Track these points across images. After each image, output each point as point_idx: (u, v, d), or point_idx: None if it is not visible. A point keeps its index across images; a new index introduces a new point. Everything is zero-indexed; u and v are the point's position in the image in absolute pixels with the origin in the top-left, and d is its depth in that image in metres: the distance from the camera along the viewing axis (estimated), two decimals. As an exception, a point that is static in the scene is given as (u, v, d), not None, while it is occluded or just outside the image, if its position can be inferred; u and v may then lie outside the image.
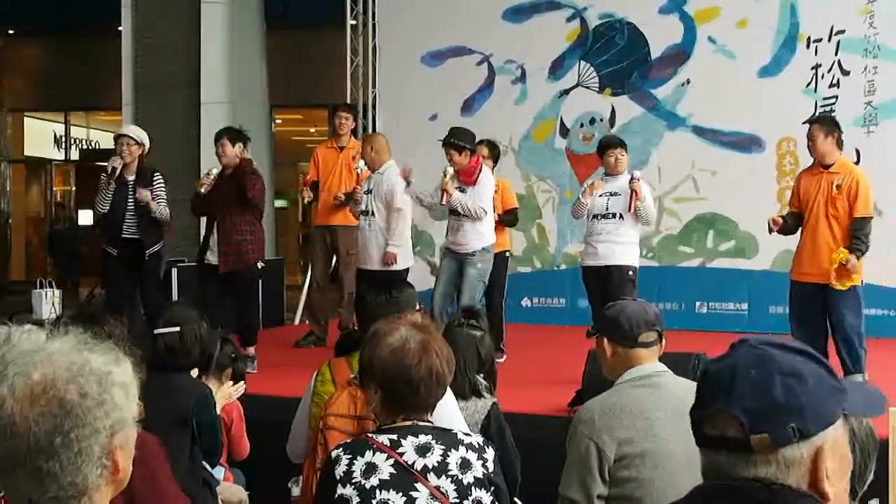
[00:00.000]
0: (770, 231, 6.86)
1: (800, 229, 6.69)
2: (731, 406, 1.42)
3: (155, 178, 7.86)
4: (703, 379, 1.49)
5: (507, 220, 8.14)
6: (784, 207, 9.09)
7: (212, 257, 7.48)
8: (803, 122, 9.11)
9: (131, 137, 7.86)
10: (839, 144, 6.57)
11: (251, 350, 7.45)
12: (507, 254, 8.17)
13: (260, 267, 7.54)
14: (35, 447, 1.47)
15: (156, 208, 7.69)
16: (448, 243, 7.46)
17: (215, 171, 7.53)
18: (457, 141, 7.27)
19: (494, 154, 8.08)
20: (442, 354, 2.70)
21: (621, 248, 7.06)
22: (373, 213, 7.52)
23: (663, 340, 3.30)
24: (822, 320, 6.53)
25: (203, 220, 8.07)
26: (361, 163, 7.74)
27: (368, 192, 7.58)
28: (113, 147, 8.13)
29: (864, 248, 6.38)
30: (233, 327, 7.36)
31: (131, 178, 7.78)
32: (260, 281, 7.96)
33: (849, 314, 6.41)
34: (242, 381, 4.63)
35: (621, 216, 7.04)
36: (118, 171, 7.63)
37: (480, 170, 7.32)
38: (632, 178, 7.03)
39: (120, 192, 7.80)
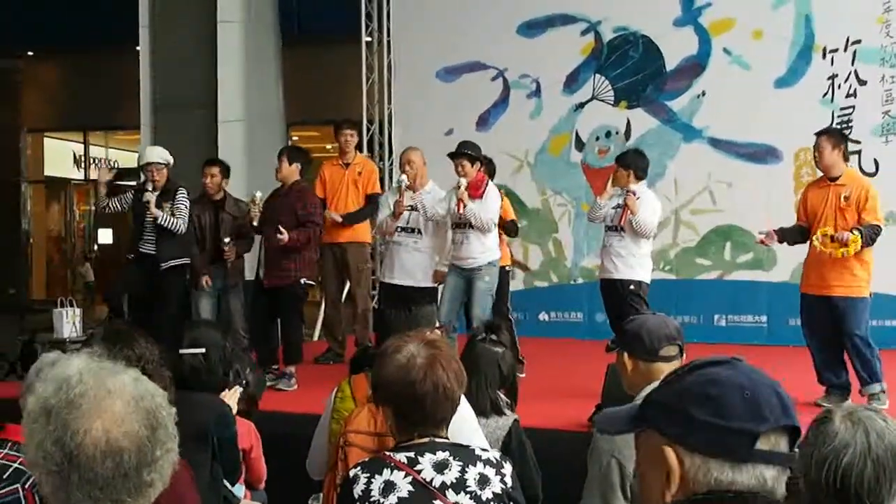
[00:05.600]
0: (764, 244, 6.92)
1: (808, 241, 6.69)
2: (794, 421, 1.45)
3: (178, 193, 7.97)
4: (777, 394, 1.47)
5: (506, 230, 7.96)
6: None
7: (262, 273, 7.65)
8: (814, 134, 9.15)
9: (159, 163, 7.98)
10: (845, 157, 6.58)
11: (291, 368, 7.46)
12: (507, 268, 8.09)
13: (303, 283, 7.58)
14: (144, 461, 1.49)
15: (157, 213, 7.78)
16: (454, 259, 7.48)
17: (259, 195, 7.64)
18: (470, 151, 7.34)
19: (489, 169, 7.98)
20: (449, 369, 2.69)
21: (622, 261, 7.13)
22: (420, 232, 7.58)
23: (684, 354, 3.29)
24: (834, 331, 6.53)
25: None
26: (403, 176, 7.70)
27: (414, 209, 7.61)
28: (132, 167, 8.27)
29: (864, 234, 6.32)
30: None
31: (155, 193, 7.89)
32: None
33: (853, 324, 6.42)
34: (237, 388, 4.58)
35: (622, 229, 7.08)
36: (151, 202, 7.82)
37: (487, 184, 7.38)
38: (626, 192, 7.06)
39: (140, 207, 7.95)
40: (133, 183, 8.23)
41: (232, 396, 4.39)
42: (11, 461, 2.74)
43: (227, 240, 7.90)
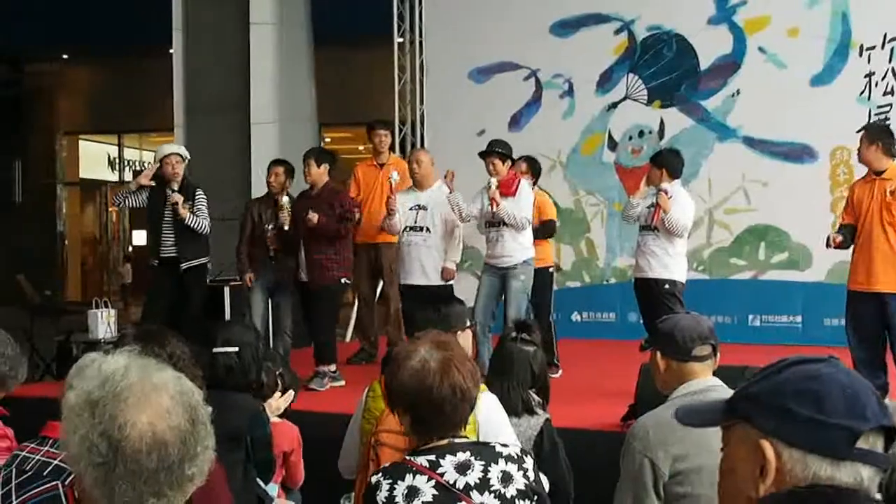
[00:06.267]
0: (828, 246, 6.77)
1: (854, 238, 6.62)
2: (892, 422, 1.44)
3: (197, 194, 8.01)
4: (874, 394, 1.47)
5: (543, 231, 8.04)
6: (838, 218, 8.98)
7: (303, 274, 7.68)
8: (857, 131, 9.03)
9: (179, 154, 8.04)
10: (887, 152, 6.49)
11: (323, 368, 7.48)
12: (551, 269, 8.14)
13: (343, 283, 7.60)
14: (185, 455, 1.51)
15: (185, 214, 7.84)
16: (488, 258, 7.50)
17: (286, 200, 7.68)
18: (500, 150, 7.35)
19: (535, 170, 8.08)
20: (464, 370, 2.66)
21: (657, 260, 7.09)
22: (428, 230, 7.58)
23: (717, 354, 3.26)
24: (879, 330, 6.45)
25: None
26: (395, 174, 7.81)
27: (422, 208, 7.62)
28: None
29: None
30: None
31: (180, 197, 7.94)
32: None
33: None
34: (291, 392, 4.61)
35: (656, 228, 7.05)
36: (179, 203, 7.86)
37: (518, 181, 7.38)
38: (658, 191, 7.04)
39: (159, 208, 7.98)
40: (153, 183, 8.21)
41: (283, 399, 4.43)
42: (52, 458, 2.76)
43: (269, 226, 7.88)
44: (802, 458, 1.42)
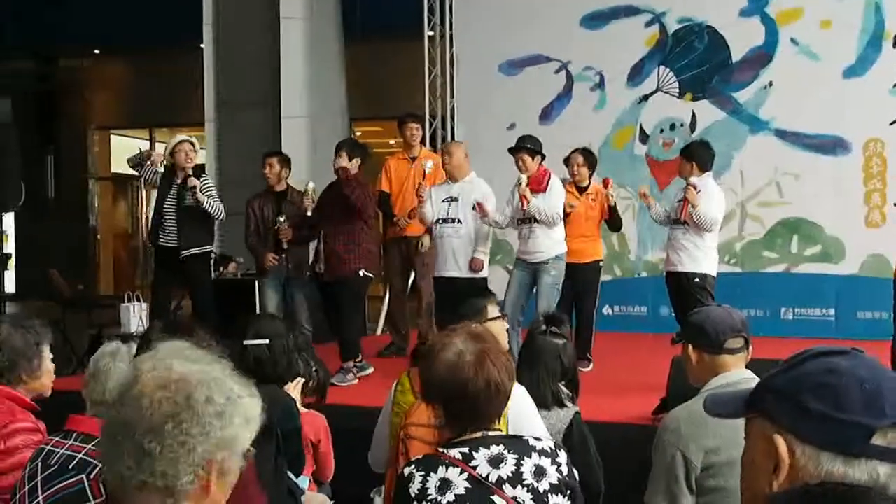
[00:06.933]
0: None
1: None
2: None
3: (203, 179, 7.94)
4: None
5: (613, 225, 8.13)
6: (871, 210, 8.90)
7: (321, 266, 7.71)
8: (890, 123, 8.95)
9: (191, 142, 8.01)
10: None
11: (348, 363, 7.43)
12: (601, 263, 8.12)
13: (362, 275, 7.55)
14: (147, 424, 1.56)
15: (203, 199, 7.74)
16: (520, 253, 7.49)
17: (312, 185, 7.65)
18: (529, 145, 7.33)
19: (591, 161, 8.03)
20: (499, 363, 2.65)
21: (687, 254, 7.08)
22: (460, 221, 7.58)
23: (750, 347, 3.23)
24: None
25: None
26: (429, 162, 7.84)
27: (453, 199, 7.62)
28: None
29: None
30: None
31: (179, 181, 7.87)
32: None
33: None
34: (300, 380, 4.55)
35: (685, 222, 7.00)
36: (197, 186, 7.80)
37: (549, 177, 7.36)
38: (687, 185, 7.00)
39: (165, 195, 7.94)
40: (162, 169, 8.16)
41: (295, 388, 4.41)
42: (77, 451, 2.77)
43: (282, 218, 7.88)
44: (815, 455, 1.39)
